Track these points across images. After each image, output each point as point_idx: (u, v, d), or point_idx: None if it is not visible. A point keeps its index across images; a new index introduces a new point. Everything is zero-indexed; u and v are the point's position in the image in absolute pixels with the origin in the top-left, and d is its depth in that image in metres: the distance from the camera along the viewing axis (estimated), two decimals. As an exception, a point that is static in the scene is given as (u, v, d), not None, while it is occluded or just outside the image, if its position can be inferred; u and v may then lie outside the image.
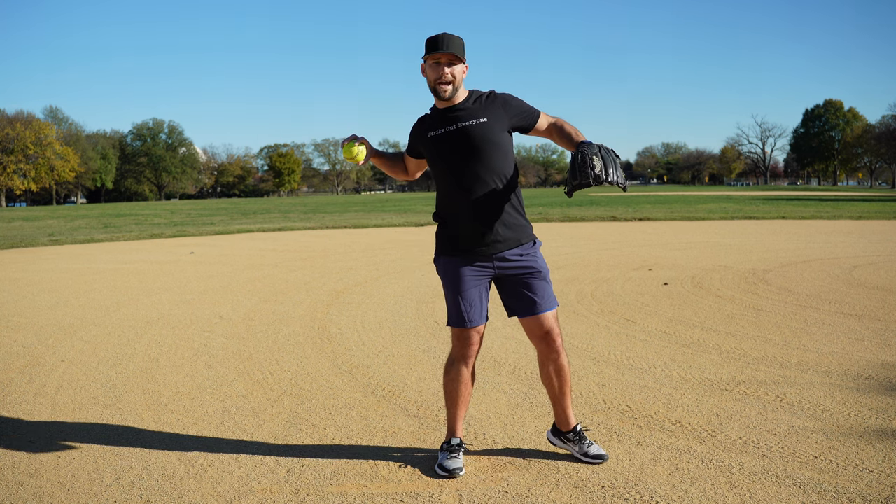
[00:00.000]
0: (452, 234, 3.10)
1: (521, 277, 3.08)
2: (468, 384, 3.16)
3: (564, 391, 3.19)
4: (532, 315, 3.09)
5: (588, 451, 3.15)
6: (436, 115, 3.10)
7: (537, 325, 3.09)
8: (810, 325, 5.86)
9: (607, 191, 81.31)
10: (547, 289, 3.11)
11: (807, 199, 37.47)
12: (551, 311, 3.10)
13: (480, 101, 3.06)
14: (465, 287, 3.06)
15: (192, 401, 4.20)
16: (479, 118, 3.01)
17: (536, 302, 3.08)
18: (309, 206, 42.58)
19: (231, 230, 20.71)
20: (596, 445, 3.18)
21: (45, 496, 2.96)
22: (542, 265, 3.12)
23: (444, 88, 2.99)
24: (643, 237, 15.41)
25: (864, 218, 20.93)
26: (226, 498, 2.90)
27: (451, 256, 3.10)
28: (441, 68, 2.97)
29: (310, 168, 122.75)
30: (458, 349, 3.13)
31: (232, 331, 6.17)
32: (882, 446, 3.24)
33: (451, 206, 3.09)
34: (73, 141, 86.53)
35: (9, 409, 4.15)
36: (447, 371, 3.17)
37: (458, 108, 3.04)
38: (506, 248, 3.05)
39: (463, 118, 3.02)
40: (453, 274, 3.08)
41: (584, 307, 6.91)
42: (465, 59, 3.01)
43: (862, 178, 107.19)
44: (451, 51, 2.94)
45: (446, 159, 3.04)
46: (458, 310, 3.07)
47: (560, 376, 3.15)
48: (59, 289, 9.00)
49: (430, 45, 2.97)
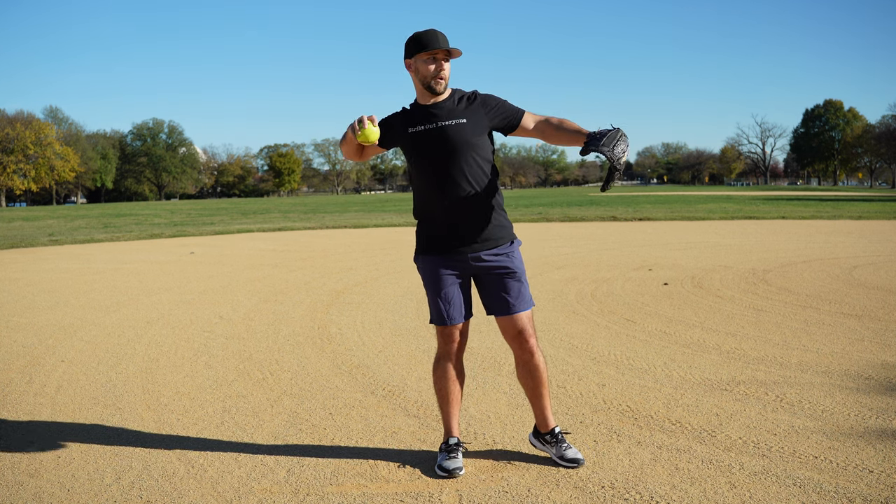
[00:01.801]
0: (431, 234, 3.11)
1: (496, 277, 3.08)
2: (456, 381, 3.17)
3: (540, 392, 3.17)
4: (505, 315, 3.09)
5: (564, 455, 3.12)
6: (416, 112, 3.09)
7: (510, 325, 3.09)
8: (810, 325, 5.86)
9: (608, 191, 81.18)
10: (521, 289, 3.10)
11: (807, 199, 37.46)
12: (525, 312, 3.09)
13: (462, 102, 3.07)
14: (443, 285, 3.08)
15: (192, 401, 4.20)
16: (458, 119, 3.02)
17: (510, 302, 3.08)
18: (309, 206, 42.58)
19: (231, 230, 20.71)
20: (573, 449, 3.15)
21: (45, 496, 2.96)
22: (517, 265, 3.11)
23: (441, 83, 3.01)
24: (643, 237, 15.41)
25: (864, 218, 20.92)
26: (226, 498, 2.90)
27: (429, 255, 3.11)
28: (440, 63, 3.00)
29: (310, 168, 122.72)
30: (441, 346, 3.16)
31: (232, 331, 6.17)
32: (882, 446, 3.24)
33: (428, 205, 3.10)
34: (73, 141, 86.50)
35: (9, 409, 4.14)
36: (435, 369, 3.19)
37: (439, 107, 3.05)
38: (483, 248, 3.06)
39: (443, 117, 3.02)
40: (432, 272, 3.10)
41: (584, 307, 6.91)
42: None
43: (862, 178, 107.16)
44: (450, 46, 2.99)
45: (424, 157, 3.05)
46: (437, 308, 3.10)
47: (534, 377, 3.14)
48: (58, 289, 9.00)
49: (426, 42, 2.97)
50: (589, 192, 70.20)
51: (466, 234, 3.04)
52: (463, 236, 3.05)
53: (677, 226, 19.11)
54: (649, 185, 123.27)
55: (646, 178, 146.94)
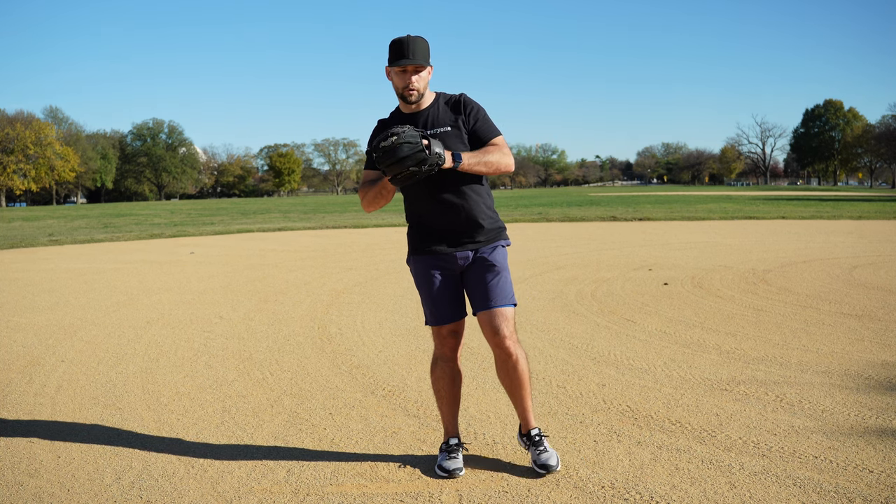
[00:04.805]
0: (422, 236, 3.10)
1: (477, 272, 3.06)
2: (454, 381, 3.16)
3: (519, 394, 3.11)
4: (482, 310, 3.05)
5: (537, 459, 3.06)
6: (399, 121, 3.05)
7: (486, 321, 3.04)
8: (810, 325, 5.86)
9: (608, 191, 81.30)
10: (500, 284, 3.04)
11: (807, 199, 37.46)
12: (501, 308, 3.02)
13: (446, 107, 3.03)
14: (435, 285, 3.06)
15: (192, 401, 4.20)
16: (442, 127, 2.99)
17: (486, 296, 3.03)
18: (309, 206, 42.58)
19: (231, 230, 20.71)
20: (549, 454, 3.06)
21: (45, 496, 2.96)
22: (499, 261, 3.07)
23: (412, 94, 2.96)
24: (643, 237, 15.41)
25: (864, 218, 20.93)
26: (226, 498, 2.90)
27: (420, 255, 3.10)
28: (408, 76, 2.94)
29: (310, 168, 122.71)
30: (437, 347, 3.15)
31: (232, 331, 6.17)
32: (882, 446, 3.24)
33: (418, 210, 3.09)
34: (73, 141, 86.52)
35: (9, 409, 4.15)
36: (433, 370, 3.19)
37: (422, 115, 3.02)
38: (473, 247, 3.05)
39: (428, 125, 2.99)
40: (424, 273, 3.09)
41: (584, 307, 6.91)
42: (429, 63, 2.97)
43: (862, 178, 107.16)
44: (418, 60, 2.90)
45: None
46: (431, 308, 3.09)
47: (511, 378, 3.07)
48: (59, 289, 9.00)
49: (396, 53, 2.91)
50: (589, 192, 70.21)
51: (457, 235, 3.04)
52: (453, 238, 3.04)
53: (677, 226, 19.11)
54: (649, 186, 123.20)
55: (646, 178, 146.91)
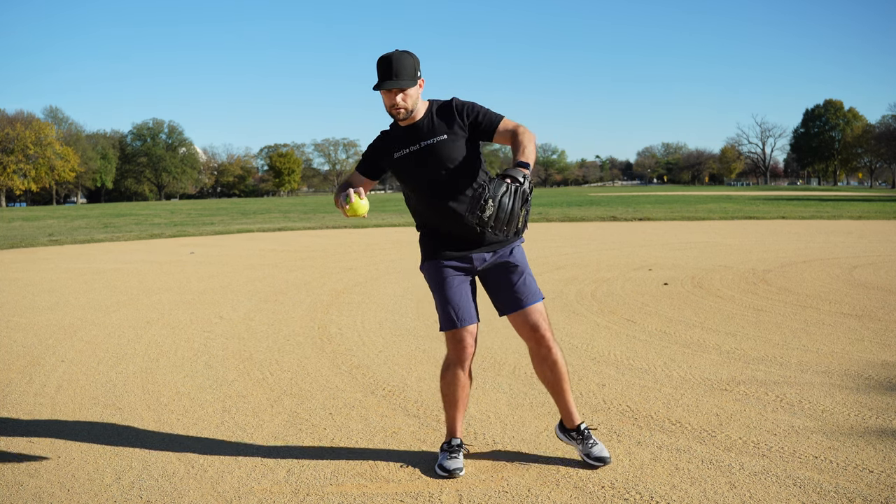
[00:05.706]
0: (434, 241, 3.11)
1: (500, 275, 3.09)
2: (465, 387, 3.15)
3: (562, 387, 3.13)
4: (516, 311, 3.08)
5: (590, 453, 3.10)
6: (398, 133, 3.07)
7: (523, 320, 3.07)
8: (810, 325, 5.86)
9: (608, 191, 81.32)
10: (527, 282, 3.09)
11: (807, 199, 37.46)
12: (535, 305, 3.08)
13: (439, 116, 3.03)
14: (450, 290, 3.06)
15: (192, 401, 4.20)
16: (439, 136, 3.00)
17: (517, 297, 3.07)
18: (309, 206, 42.57)
19: (231, 230, 20.71)
20: (600, 446, 3.13)
21: (45, 496, 2.96)
22: (519, 259, 3.12)
23: (400, 112, 2.96)
24: (643, 237, 15.41)
25: (864, 218, 20.93)
26: (226, 498, 2.90)
27: (434, 260, 3.11)
28: (393, 97, 2.93)
29: (310, 168, 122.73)
30: (452, 352, 3.10)
31: (232, 331, 6.17)
32: (882, 446, 3.24)
33: (427, 219, 3.12)
34: (73, 141, 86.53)
35: (9, 409, 4.15)
36: (443, 375, 3.16)
37: (418, 126, 3.02)
38: (487, 250, 3.08)
39: (425, 136, 3.00)
40: (438, 278, 3.09)
41: (584, 307, 6.91)
42: (418, 77, 2.96)
43: (862, 178, 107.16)
44: (402, 82, 2.88)
45: (415, 178, 3.05)
46: (447, 313, 3.07)
47: (553, 371, 3.11)
48: (59, 289, 9.00)
49: (381, 74, 2.90)
50: (589, 192, 70.20)
51: (469, 240, 3.06)
52: (466, 242, 3.06)
53: (677, 226, 19.11)
54: (649, 185, 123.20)
55: (646, 178, 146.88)
